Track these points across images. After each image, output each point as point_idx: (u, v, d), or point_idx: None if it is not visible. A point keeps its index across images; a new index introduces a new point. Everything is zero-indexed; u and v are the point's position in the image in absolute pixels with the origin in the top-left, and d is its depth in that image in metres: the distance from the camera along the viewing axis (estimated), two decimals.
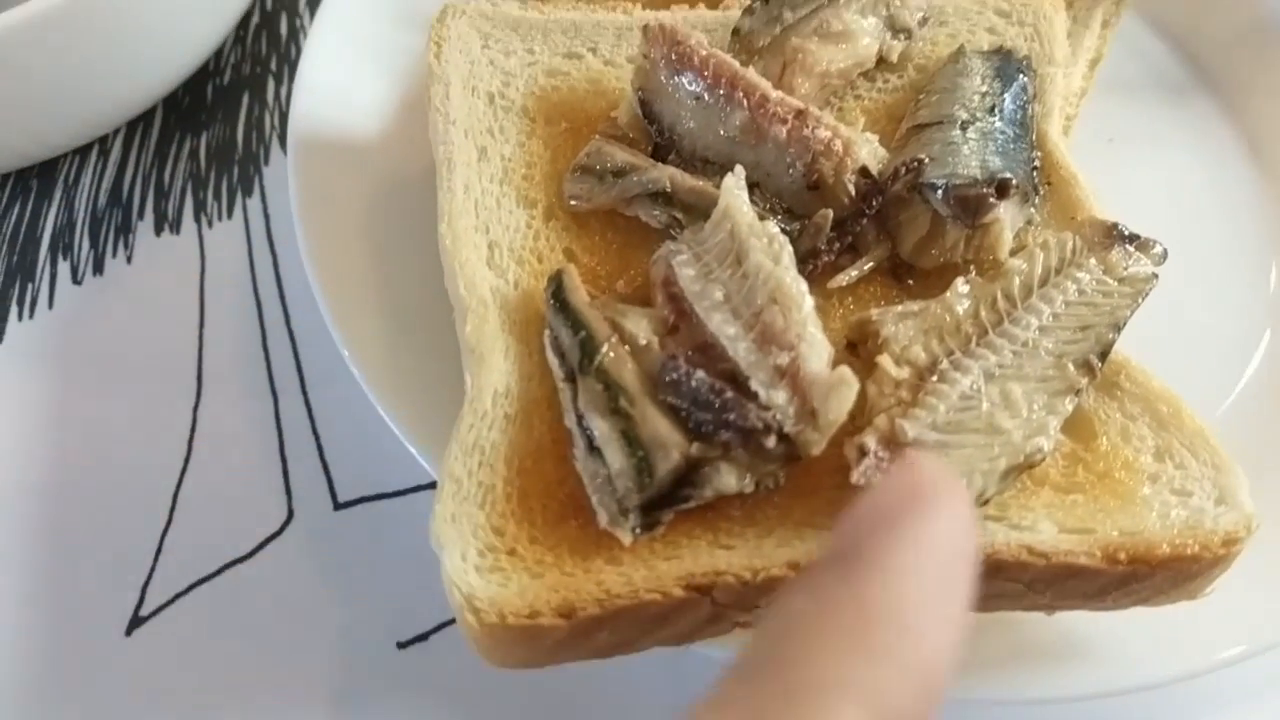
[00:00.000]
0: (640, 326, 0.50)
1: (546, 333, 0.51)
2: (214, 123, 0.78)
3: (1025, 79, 0.60)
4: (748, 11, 0.60)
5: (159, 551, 0.61)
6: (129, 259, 0.72)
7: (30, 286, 0.71)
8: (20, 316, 0.70)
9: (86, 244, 0.73)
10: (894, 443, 0.47)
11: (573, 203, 0.57)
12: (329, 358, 0.67)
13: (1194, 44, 0.77)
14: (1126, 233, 0.54)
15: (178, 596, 0.60)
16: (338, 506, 0.63)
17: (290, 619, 0.59)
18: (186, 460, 0.64)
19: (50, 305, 0.71)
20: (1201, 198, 0.72)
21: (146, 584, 0.60)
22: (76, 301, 0.71)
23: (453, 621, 0.57)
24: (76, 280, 0.72)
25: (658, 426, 0.47)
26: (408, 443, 0.56)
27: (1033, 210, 0.56)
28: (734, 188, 0.52)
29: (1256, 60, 0.77)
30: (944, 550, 0.32)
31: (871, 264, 0.55)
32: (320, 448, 0.65)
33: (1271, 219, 0.71)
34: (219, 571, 0.61)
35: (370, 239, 0.64)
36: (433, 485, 0.62)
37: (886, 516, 0.33)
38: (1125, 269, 0.53)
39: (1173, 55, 0.77)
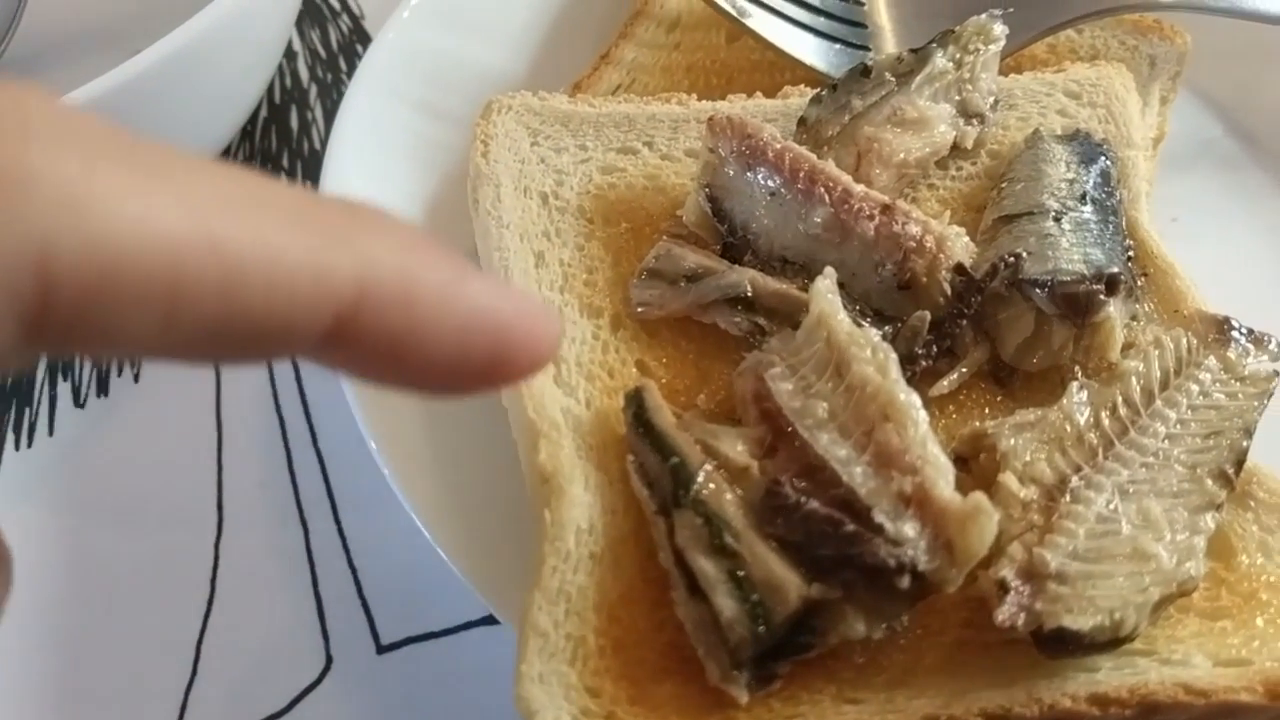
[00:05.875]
0: (736, 450, 0.45)
1: (630, 459, 0.46)
2: None
3: (1107, 163, 0.57)
4: (814, 100, 0.57)
5: (183, 708, 0.55)
6: (136, 377, 0.67)
7: (28, 411, 0.65)
8: (18, 445, 0.64)
9: (89, 362, 0.67)
10: (1034, 574, 0.42)
11: (640, 310, 0.52)
12: (362, 479, 0.62)
13: (1246, 116, 0.75)
14: (1241, 328, 0.51)
15: None
16: (381, 650, 0.57)
17: None
18: (210, 602, 0.58)
19: (50, 431, 0.64)
20: (1274, 278, 0.69)
21: None
22: (79, 426, 0.65)
23: None
24: (79, 403, 0.66)
25: (770, 566, 0.42)
26: (467, 579, 0.51)
27: (1137, 305, 0.53)
28: (826, 292, 0.47)
29: None
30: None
31: (972, 368, 0.51)
32: (358, 582, 0.59)
33: None
34: None
35: None
36: (485, 621, 0.57)
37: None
38: (1245, 367, 0.49)
39: (1226, 129, 0.75)
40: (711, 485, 0.44)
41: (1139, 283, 0.54)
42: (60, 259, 0.22)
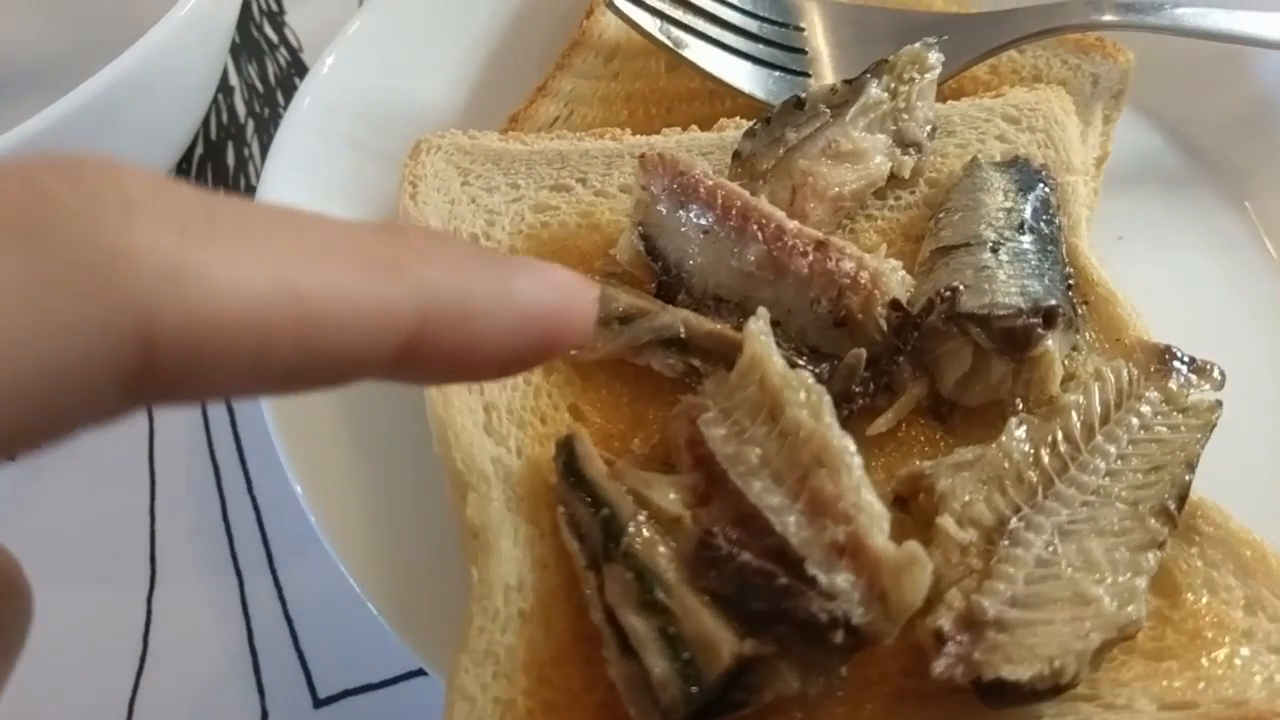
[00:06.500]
0: (668, 499, 0.44)
1: (561, 510, 0.45)
2: None
3: (1046, 190, 0.56)
4: (748, 134, 0.56)
5: None
6: None
7: None
8: None
9: None
10: (972, 623, 0.41)
11: (574, 353, 0.51)
12: (298, 528, 0.60)
13: (1190, 131, 0.75)
14: (1183, 357, 0.50)
15: None
16: (318, 704, 0.55)
17: None
18: (142, 658, 0.57)
19: None
20: (1221, 294, 0.68)
21: None
22: (9, 476, 0.63)
23: None
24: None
25: (703, 622, 0.40)
26: (400, 635, 0.49)
27: (1077, 335, 0.52)
28: (760, 334, 0.46)
29: (1253, 142, 0.75)
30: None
31: (910, 404, 0.50)
32: (294, 633, 0.57)
33: None
34: None
35: (341, 399, 0.57)
36: (424, 672, 0.56)
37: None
38: (1187, 398, 0.49)
39: (1170, 144, 0.75)
40: (643, 537, 0.43)
41: (1079, 312, 0.53)
42: (161, 327, 0.24)
